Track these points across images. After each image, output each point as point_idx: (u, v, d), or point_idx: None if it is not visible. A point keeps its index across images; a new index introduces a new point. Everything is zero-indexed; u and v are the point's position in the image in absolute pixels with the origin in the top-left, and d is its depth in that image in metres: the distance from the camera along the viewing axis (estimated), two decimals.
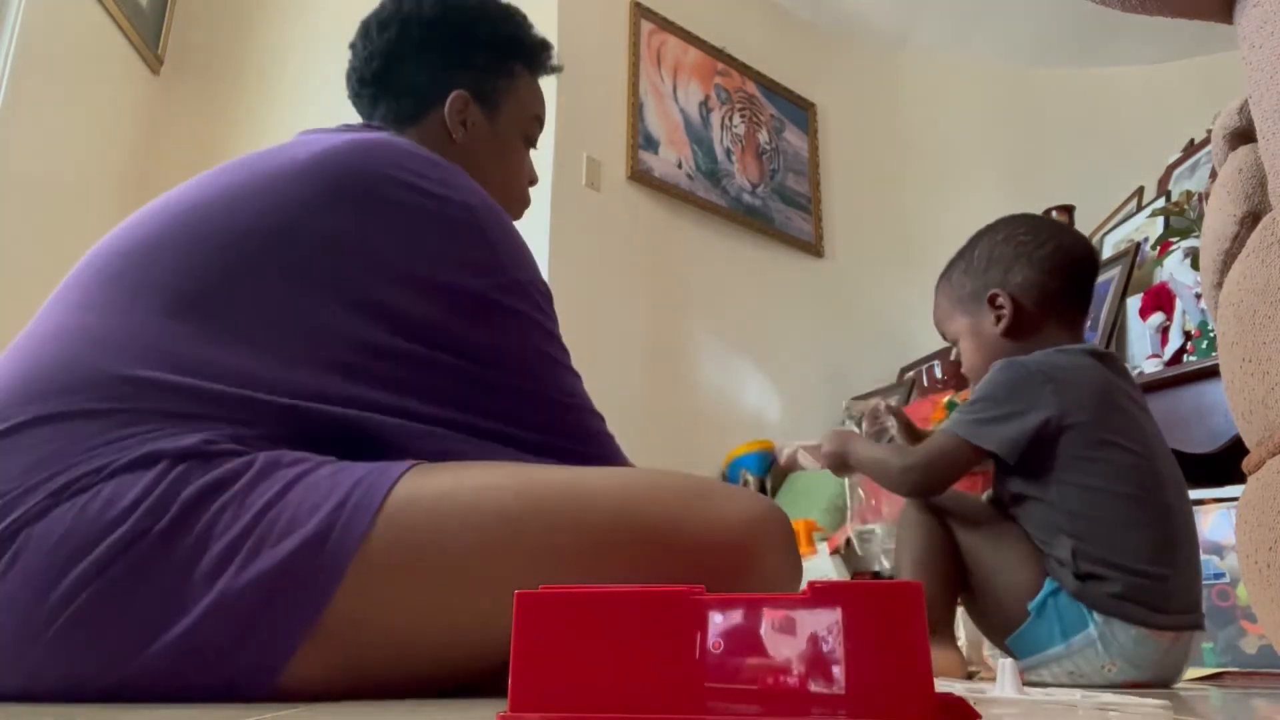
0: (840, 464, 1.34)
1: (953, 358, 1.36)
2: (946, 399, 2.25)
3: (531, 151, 1.07)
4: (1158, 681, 1.09)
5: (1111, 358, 1.22)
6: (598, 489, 0.69)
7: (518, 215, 1.06)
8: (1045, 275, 1.24)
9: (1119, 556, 1.08)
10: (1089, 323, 2.31)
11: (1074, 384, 1.14)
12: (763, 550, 0.69)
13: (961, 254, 1.34)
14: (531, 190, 1.08)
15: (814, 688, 0.35)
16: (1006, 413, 1.14)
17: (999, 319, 1.25)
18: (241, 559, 0.60)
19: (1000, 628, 1.16)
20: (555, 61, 1.07)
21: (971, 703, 0.38)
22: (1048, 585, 1.10)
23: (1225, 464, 1.62)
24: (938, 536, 1.17)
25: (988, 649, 1.34)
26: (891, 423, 1.41)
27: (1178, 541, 1.12)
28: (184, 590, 0.60)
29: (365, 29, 0.99)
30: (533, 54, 1.04)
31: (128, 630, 0.59)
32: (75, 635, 0.59)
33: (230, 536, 0.61)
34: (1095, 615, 1.07)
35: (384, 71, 0.97)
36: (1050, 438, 1.13)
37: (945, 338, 1.37)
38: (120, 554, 0.59)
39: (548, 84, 1.08)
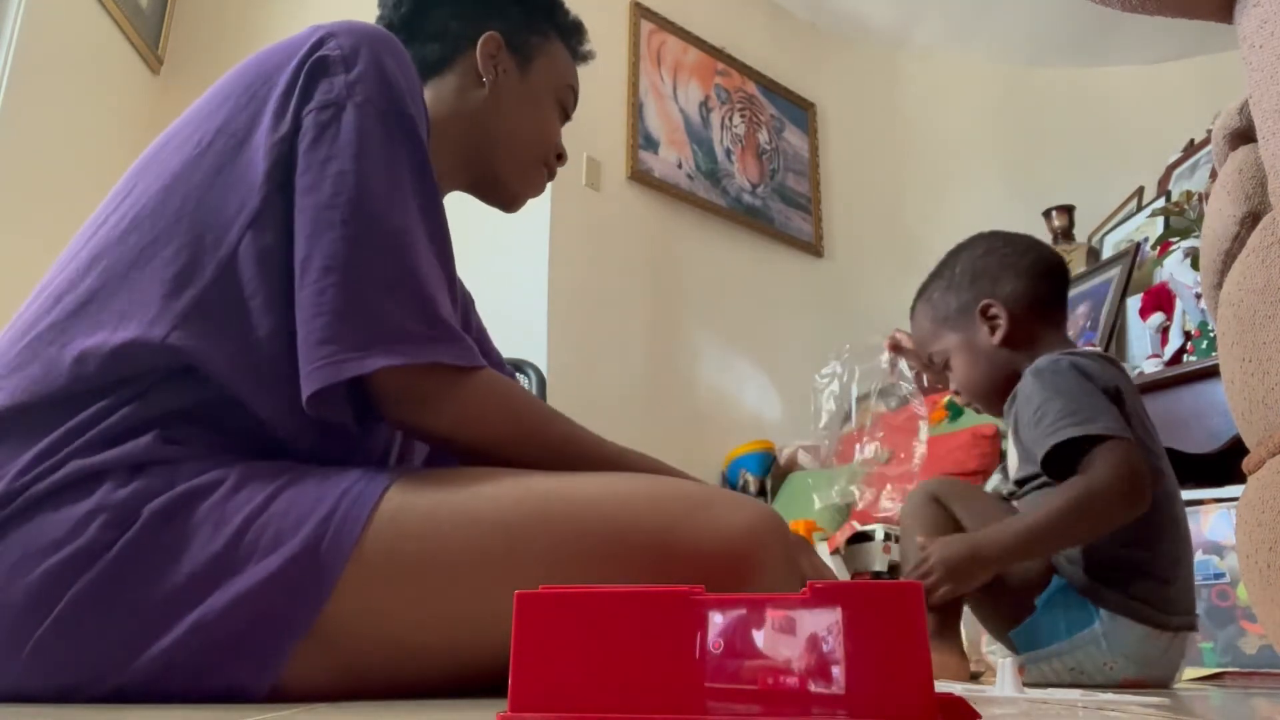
0: (969, 569, 1.07)
1: (953, 387, 1.31)
2: (946, 399, 2.25)
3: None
4: (1157, 680, 1.10)
5: (1115, 363, 1.22)
6: (598, 497, 0.68)
7: (538, 185, 1.00)
8: (1034, 282, 1.24)
9: (1134, 559, 1.09)
10: (1088, 323, 2.31)
11: (1103, 386, 1.13)
12: (764, 559, 0.68)
13: (939, 273, 1.31)
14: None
15: (814, 688, 0.35)
16: (1088, 397, 1.07)
17: (994, 329, 1.23)
18: (226, 575, 0.60)
19: (1004, 621, 1.15)
20: (587, 48, 1.02)
21: (971, 703, 0.38)
22: (1055, 582, 1.10)
23: (1225, 464, 1.62)
24: (947, 530, 1.17)
25: (986, 645, 1.34)
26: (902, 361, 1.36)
27: (1182, 547, 1.13)
28: (164, 605, 0.59)
29: None
30: (567, 27, 0.99)
31: (108, 645, 0.59)
32: (55, 648, 0.58)
33: (212, 551, 0.60)
34: (1101, 612, 1.08)
35: (412, 15, 0.93)
36: None
37: (929, 360, 1.31)
38: (85, 567, 0.59)
39: None
